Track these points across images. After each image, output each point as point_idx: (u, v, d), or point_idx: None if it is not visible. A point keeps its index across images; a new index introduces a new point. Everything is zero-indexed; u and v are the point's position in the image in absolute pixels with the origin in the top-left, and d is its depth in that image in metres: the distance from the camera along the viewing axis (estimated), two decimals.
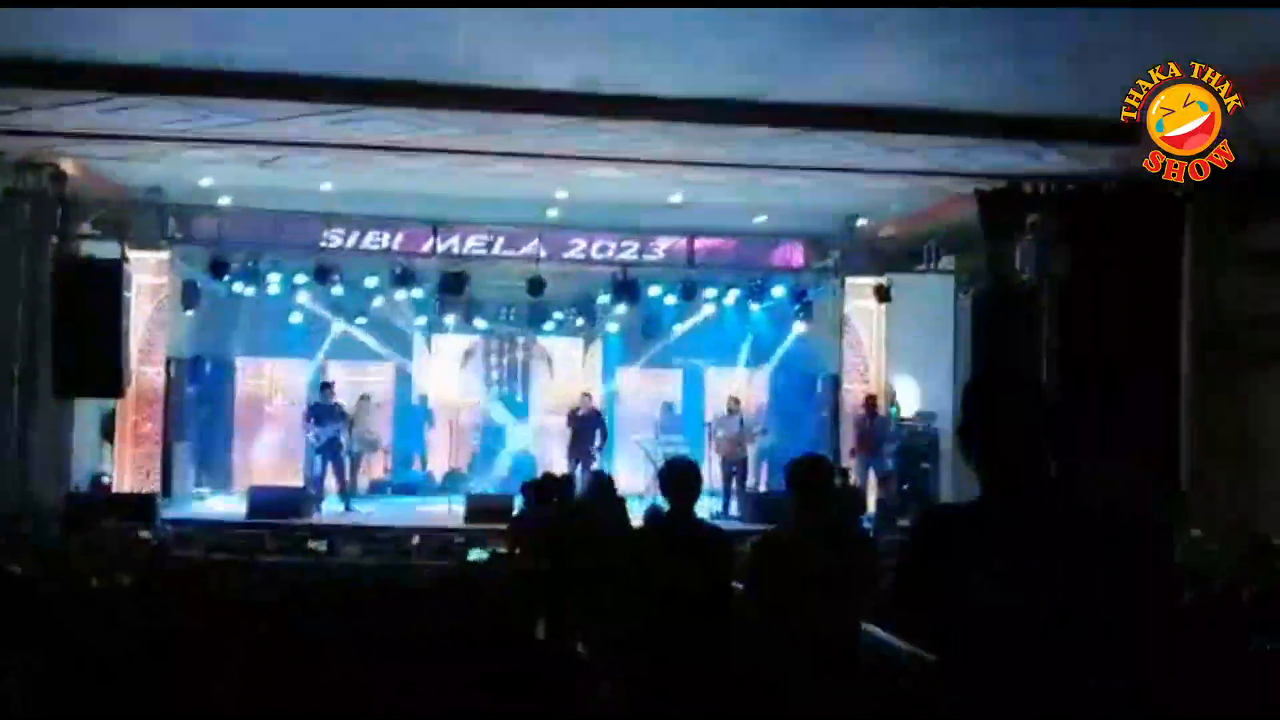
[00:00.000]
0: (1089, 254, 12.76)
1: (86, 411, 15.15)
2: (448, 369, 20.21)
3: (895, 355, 17.03)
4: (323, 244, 16.01)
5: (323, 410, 16.16)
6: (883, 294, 16.23)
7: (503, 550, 10.83)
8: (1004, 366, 11.56)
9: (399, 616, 5.96)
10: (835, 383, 17.36)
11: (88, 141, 12.37)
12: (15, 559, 7.80)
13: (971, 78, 10.07)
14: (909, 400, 16.95)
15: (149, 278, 15.62)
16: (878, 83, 10.39)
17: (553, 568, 7.69)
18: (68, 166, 13.38)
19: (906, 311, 16.34)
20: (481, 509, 14.74)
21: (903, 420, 16.42)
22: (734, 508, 15.95)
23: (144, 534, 12.09)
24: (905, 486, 15.79)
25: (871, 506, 15.47)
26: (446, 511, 15.62)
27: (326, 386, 16.59)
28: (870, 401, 16.34)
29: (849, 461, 16.19)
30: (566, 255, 16.64)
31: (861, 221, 16.44)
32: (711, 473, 15.20)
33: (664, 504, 6.24)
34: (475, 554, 10.32)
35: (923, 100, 10.80)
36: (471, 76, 10.45)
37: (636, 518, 9.22)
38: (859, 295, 17.00)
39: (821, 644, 5.23)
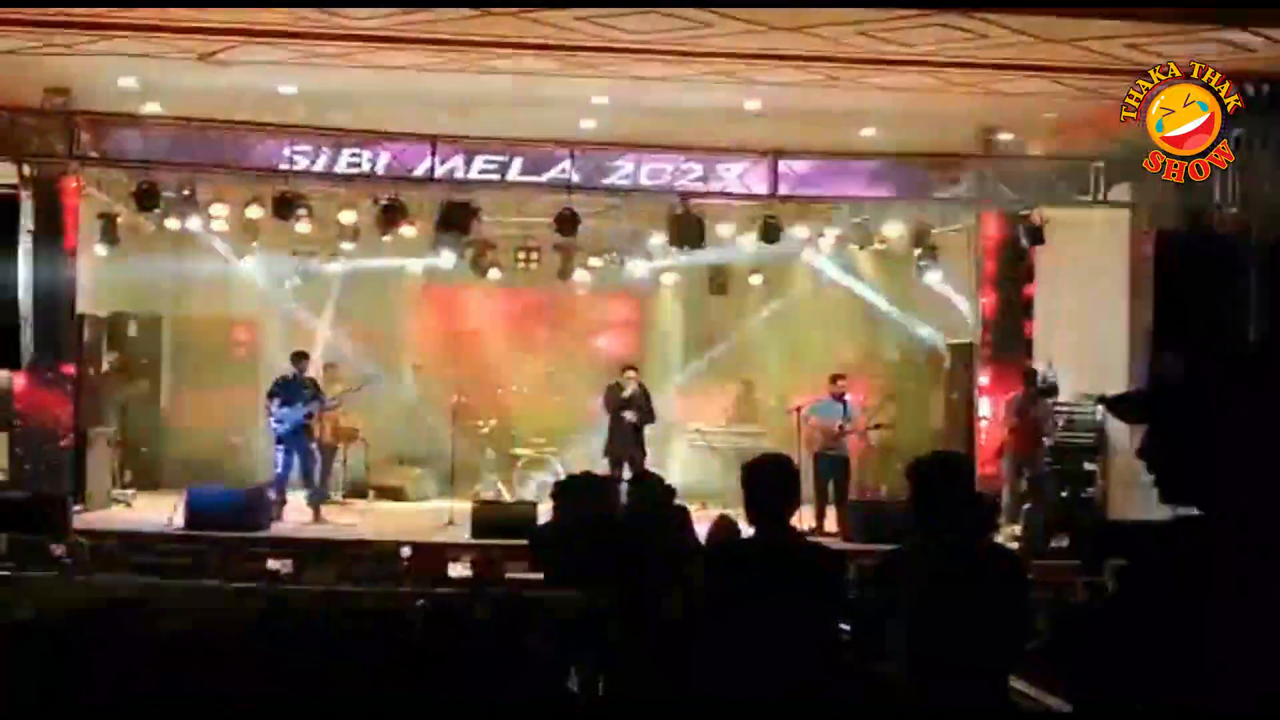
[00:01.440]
0: None
1: None
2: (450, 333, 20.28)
3: (1050, 316, 16.83)
4: (283, 166, 16.01)
5: (291, 387, 16.25)
6: (1034, 234, 16.03)
7: (523, 575, 10.83)
8: (1203, 335, 11.39)
9: (389, 663, 5.93)
10: (970, 354, 17.18)
11: None
12: None
13: None
14: (1068, 378, 16.74)
15: None
16: None
17: (594, 602, 7.64)
18: None
19: (1065, 258, 16.14)
20: (493, 520, 14.76)
21: (1059, 405, 16.18)
22: (831, 521, 15.88)
23: (54, 549, 12.22)
24: (1063, 495, 15.62)
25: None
26: (447, 523, 15.70)
27: (299, 356, 16.65)
28: (1030, 377, 16.02)
29: (989, 462, 16.02)
30: (607, 181, 16.55)
31: (1004, 136, 16.23)
32: (803, 475, 15.10)
33: (733, 515, 6.13)
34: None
35: None
36: None
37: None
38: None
39: (959, 706, 5.16)
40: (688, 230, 16.24)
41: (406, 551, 13.49)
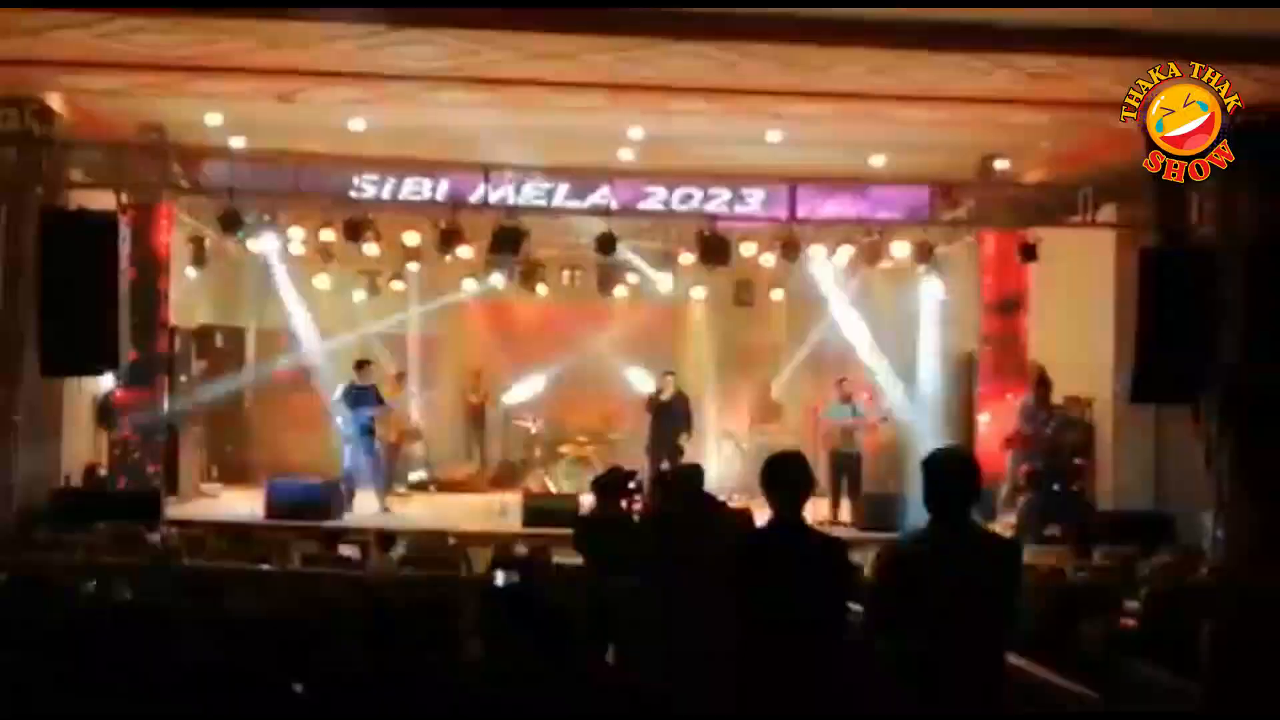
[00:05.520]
0: None
1: (77, 392, 15.37)
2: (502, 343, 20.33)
3: (1042, 326, 16.75)
4: (353, 194, 16.09)
5: (356, 393, 16.38)
6: (1028, 252, 15.91)
7: (567, 561, 10.85)
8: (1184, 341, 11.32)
9: (450, 638, 5.93)
10: (970, 362, 17.08)
11: (78, 71, 12.48)
12: None
13: None
14: (1059, 382, 16.61)
15: None
16: None
17: (628, 582, 7.65)
18: (54, 103, 13.53)
19: (1057, 274, 16.04)
20: (542, 510, 14.81)
21: (1054, 407, 16.04)
22: (845, 512, 15.86)
23: (150, 537, 12.27)
24: (1055, 487, 15.51)
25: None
26: (500, 513, 15.73)
27: (361, 365, 16.79)
28: (1043, 384, 15.78)
29: (990, 458, 15.91)
30: (642, 206, 16.56)
31: (1002, 164, 16.16)
32: (819, 469, 15.09)
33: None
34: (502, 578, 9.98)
35: (1069, 13, 10.56)
36: None
37: None
38: None
39: (958, 679, 5.14)
40: (715, 249, 16.21)
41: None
